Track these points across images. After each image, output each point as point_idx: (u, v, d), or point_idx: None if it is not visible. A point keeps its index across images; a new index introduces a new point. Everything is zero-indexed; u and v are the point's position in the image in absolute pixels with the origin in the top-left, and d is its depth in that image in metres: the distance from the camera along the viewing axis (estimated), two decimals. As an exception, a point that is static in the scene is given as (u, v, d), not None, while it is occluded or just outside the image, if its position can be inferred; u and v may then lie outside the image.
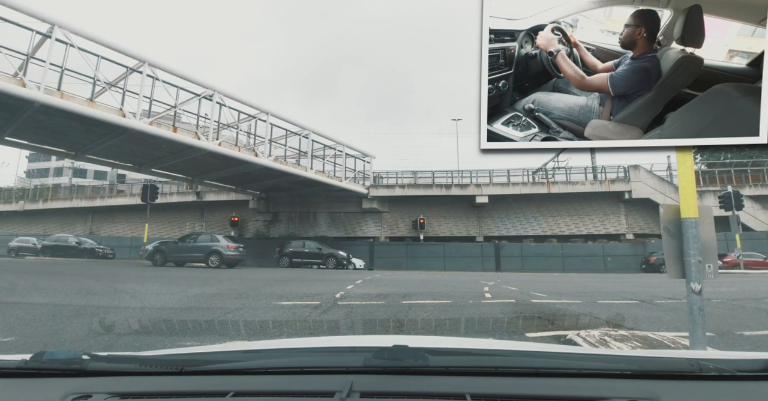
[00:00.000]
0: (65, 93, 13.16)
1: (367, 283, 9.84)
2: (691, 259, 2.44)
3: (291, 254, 21.05)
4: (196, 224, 29.87)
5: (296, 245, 21.57)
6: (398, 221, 27.46)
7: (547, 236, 27.03)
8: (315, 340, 2.05)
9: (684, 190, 2.50)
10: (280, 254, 21.40)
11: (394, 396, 0.82)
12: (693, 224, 2.45)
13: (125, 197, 30.82)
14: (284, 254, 21.22)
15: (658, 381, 0.87)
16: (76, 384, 0.90)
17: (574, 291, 8.32)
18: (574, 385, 0.86)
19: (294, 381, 0.91)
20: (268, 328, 4.26)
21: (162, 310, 5.26)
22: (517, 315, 5.17)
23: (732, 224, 19.28)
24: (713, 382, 0.88)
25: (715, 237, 2.62)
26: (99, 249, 23.30)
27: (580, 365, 0.95)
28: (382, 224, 27.44)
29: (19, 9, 11.75)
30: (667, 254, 2.56)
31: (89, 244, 23.50)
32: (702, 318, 2.43)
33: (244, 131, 19.34)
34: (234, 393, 0.83)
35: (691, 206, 2.47)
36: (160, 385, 0.91)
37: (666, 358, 1.03)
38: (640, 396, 0.80)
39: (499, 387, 0.86)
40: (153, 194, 22.24)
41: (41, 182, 43.16)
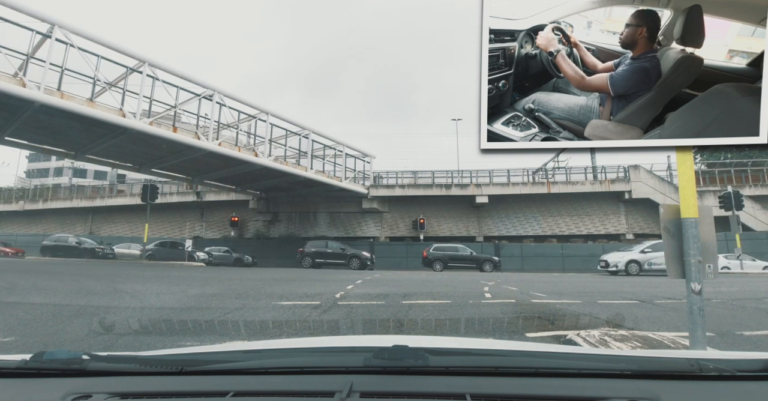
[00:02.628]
0: (65, 93, 13.17)
1: (366, 283, 9.84)
2: (691, 259, 2.44)
3: (314, 254, 20.38)
4: (196, 224, 29.88)
5: (318, 245, 20.96)
6: (398, 221, 27.46)
7: (547, 236, 27.04)
8: (315, 340, 2.05)
9: (684, 190, 2.50)
10: (302, 255, 20.59)
11: (394, 396, 0.82)
12: (693, 224, 2.45)
13: (125, 197, 30.82)
14: (306, 254, 20.49)
15: (658, 381, 0.87)
16: (76, 384, 0.90)
17: (574, 291, 8.32)
18: (574, 385, 0.86)
19: (294, 381, 0.91)
20: (268, 328, 4.26)
21: (162, 310, 5.26)
22: (517, 315, 5.17)
23: (732, 224, 19.28)
24: (713, 382, 0.88)
25: (715, 237, 2.62)
26: (99, 249, 23.28)
27: (580, 365, 0.95)
28: (382, 224, 27.45)
29: (19, 9, 11.76)
30: (667, 254, 2.56)
31: (89, 244, 23.54)
32: (702, 318, 2.43)
33: (244, 131, 19.35)
34: (234, 393, 0.83)
35: (691, 206, 2.47)
36: (160, 385, 0.91)
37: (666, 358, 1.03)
38: (640, 396, 0.80)
39: (499, 387, 0.86)
40: (153, 194, 22.24)
41: (41, 182, 43.16)
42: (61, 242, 23.42)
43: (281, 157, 20.69)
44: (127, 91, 14.74)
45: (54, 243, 23.32)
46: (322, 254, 20.64)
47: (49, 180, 44.71)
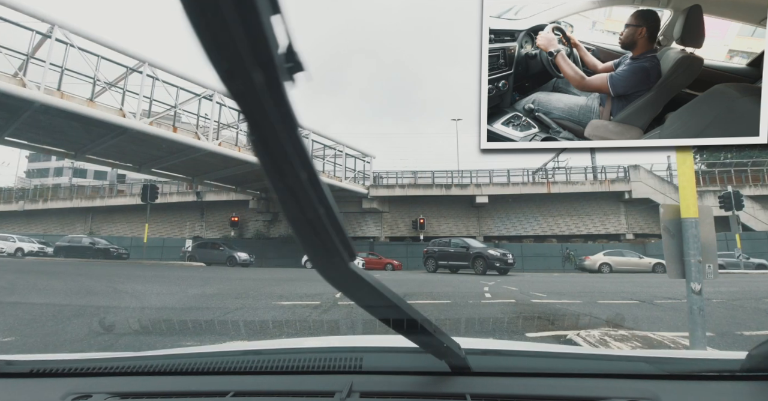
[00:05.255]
0: (65, 93, 13.17)
1: (367, 283, 9.82)
2: (691, 259, 2.44)
3: (438, 255, 17.45)
4: (196, 224, 29.88)
5: (441, 243, 17.90)
6: (398, 221, 27.47)
7: (547, 236, 27.05)
8: (315, 340, 2.05)
9: (684, 190, 2.50)
10: (426, 256, 18.00)
11: (394, 396, 0.82)
12: (693, 224, 2.45)
13: (125, 197, 30.84)
14: (431, 255, 17.70)
15: (658, 381, 0.87)
16: (76, 384, 0.90)
17: (574, 291, 8.32)
18: (574, 385, 0.86)
19: (294, 381, 0.91)
20: (268, 328, 4.26)
21: (162, 310, 5.26)
22: (517, 315, 5.17)
23: (732, 224, 19.29)
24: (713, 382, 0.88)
25: (715, 237, 2.62)
26: (113, 249, 22.71)
27: (580, 365, 0.95)
28: (382, 224, 27.46)
29: (19, 9, 11.76)
30: (667, 254, 2.56)
31: (103, 244, 22.99)
32: (702, 318, 2.43)
33: (244, 131, 19.35)
34: (234, 393, 0.83)
35: (691, 206, 2.47)
36: (160, 385, 0.91)
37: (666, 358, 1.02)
38: (640, 396, 0.80)
39: (499, 387, 0.86)
40: (153, 194, 22.24)
41: (41, 182, 43.18)
42: (75, 242, 22.97)
43: (281, 157, 20.65)
44: (127, 91, 14.75)
45: (68, 244, 22.83)
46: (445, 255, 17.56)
47: (49, 180, 44.73)
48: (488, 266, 15.55)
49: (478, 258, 15.98)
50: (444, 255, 17.26)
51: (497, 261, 15.66)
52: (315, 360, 1.01)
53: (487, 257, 15.82)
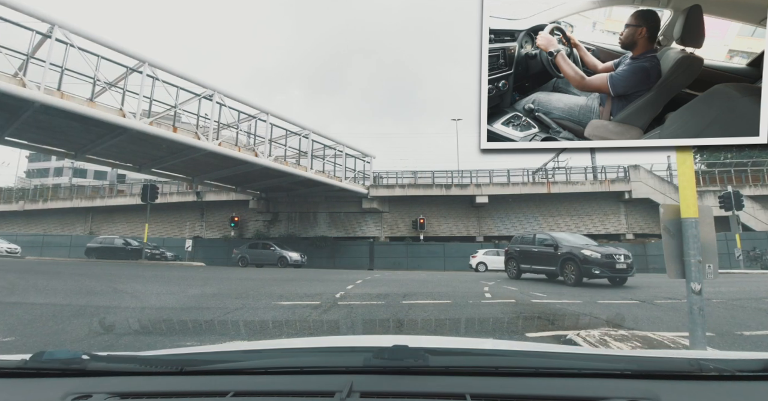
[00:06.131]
0: (65, 93, 13.16)
1: (367, 283, 9.84)
2: (691, 259, 2.44)
3: (520, 257, 12.60)
4: (196, 224, 29.87)
5: (524, 240, 13.11)
6: (398, 221, 27.46)
7: (547, 236, 26.99)
8: (315, 340, 2.05)
9: (684, 190, 2.50)
10: (507, 256, 13.74)
11: (394, 396, 0.82)
12: (693, 224, 2.45)
13: (125, 197, 30.80)
14: (511, 255, 13.19)
15: (658, 381, 0.87)
16: (76, 384, 0.90)
17: (574, 291, 8.32)
18: (574, 385, 0.86)
19: (294, 381, 0.91)
20: (268, 328, 4.26)
21: (162, 310, 5.26)
22: (517, 315, 5.17)
23: (732, 224, 19.28)
24: (713, 382, 0.88)
25: (715, 237, 2.62)
26: (148, 250, 20.98)
27: (580, 365, 0.95)
28: (382, 224, 27.44)
29: (19, 9, 11.75)
30: (667, 254, 2.56)
31: (136, 245, 21.57)
32: (702, 318, 2.43)
33: (244, 131, 19.35)
34: (234, 393, 0.83)
35: (691, 206, 2.47)
36: (160, 385, 0.91)
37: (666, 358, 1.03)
38: (640, 396, 0.80)
39: (499, 387, 0.86)
40: (153, 194, 22.21)
41: (41, 182, 43.16)
42: (107, 243, 21.95)
43: (281, 157, 20.68)
44: (127, 91, 14.74)
45: (99, 245, 21.79)
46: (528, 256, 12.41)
47: (49, 180, 44.72)
48: (583, 274, 10.03)
49: (568, 262, 10.47)
50: (527, 256, 12.31)
51: (598, 267, 9.85)
52: (315, 360, 1.01)
53: (580, 259, 10.09)
